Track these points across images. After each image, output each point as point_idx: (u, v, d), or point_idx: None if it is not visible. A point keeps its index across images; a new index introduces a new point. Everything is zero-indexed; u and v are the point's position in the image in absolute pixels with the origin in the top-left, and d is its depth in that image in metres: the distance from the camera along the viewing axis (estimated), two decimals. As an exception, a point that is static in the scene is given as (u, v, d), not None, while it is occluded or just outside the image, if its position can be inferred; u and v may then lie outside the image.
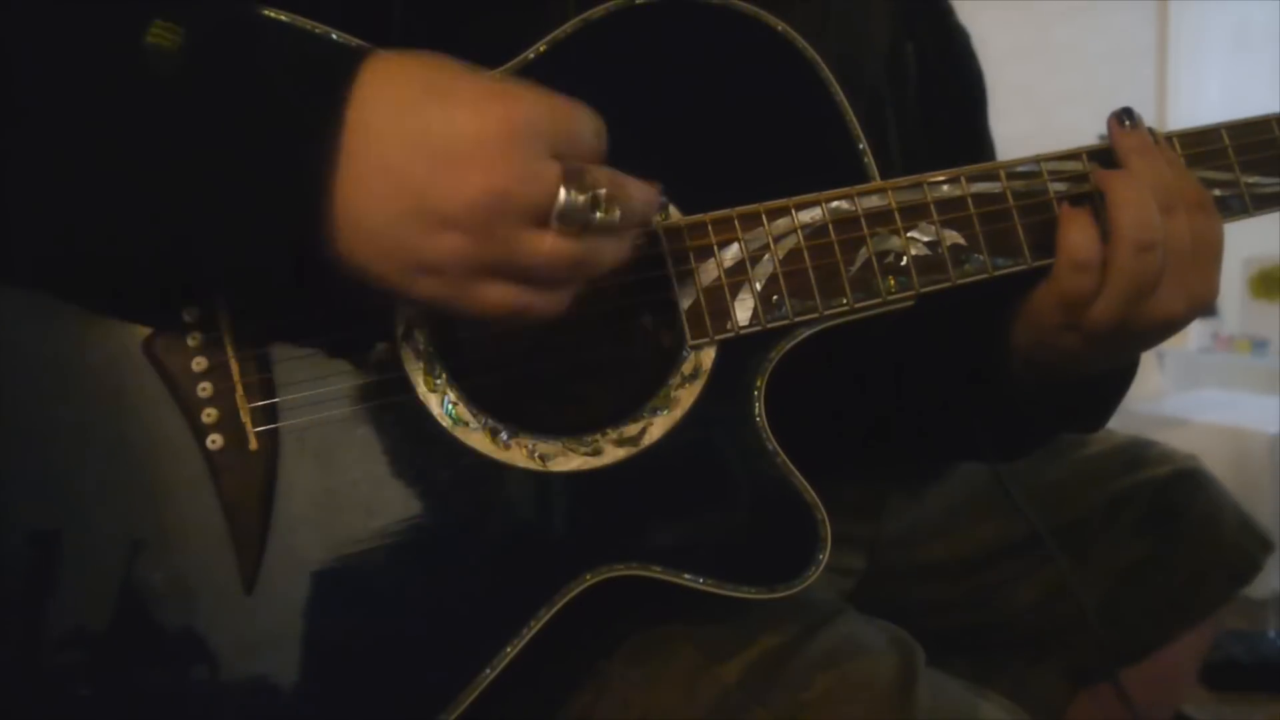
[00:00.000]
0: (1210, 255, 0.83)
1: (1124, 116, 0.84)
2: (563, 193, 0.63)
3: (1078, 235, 0.81)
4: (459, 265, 0.63)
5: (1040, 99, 3.21)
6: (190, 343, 0.72)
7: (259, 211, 0.62)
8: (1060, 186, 0.83)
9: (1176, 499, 1.12)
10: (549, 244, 0.63)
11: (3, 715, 0.69)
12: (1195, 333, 3.54)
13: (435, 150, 0.61)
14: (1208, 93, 3.72)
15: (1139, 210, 0.80)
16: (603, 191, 0.64)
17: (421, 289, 0.64)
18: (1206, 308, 0.85)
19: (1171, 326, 0.83)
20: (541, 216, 0.63)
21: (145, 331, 0.71)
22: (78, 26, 0.63)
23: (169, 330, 0.72)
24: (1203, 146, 0.86)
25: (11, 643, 0.70)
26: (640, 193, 0.68)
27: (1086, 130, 0.90)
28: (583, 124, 0.66)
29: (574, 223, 0.63)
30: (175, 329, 0.72)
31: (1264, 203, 0.88)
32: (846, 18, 0.97)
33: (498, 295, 0.65)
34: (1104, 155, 0.85)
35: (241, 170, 0.62)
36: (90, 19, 0.63)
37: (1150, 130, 0.85)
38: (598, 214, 0.64)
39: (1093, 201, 0.83)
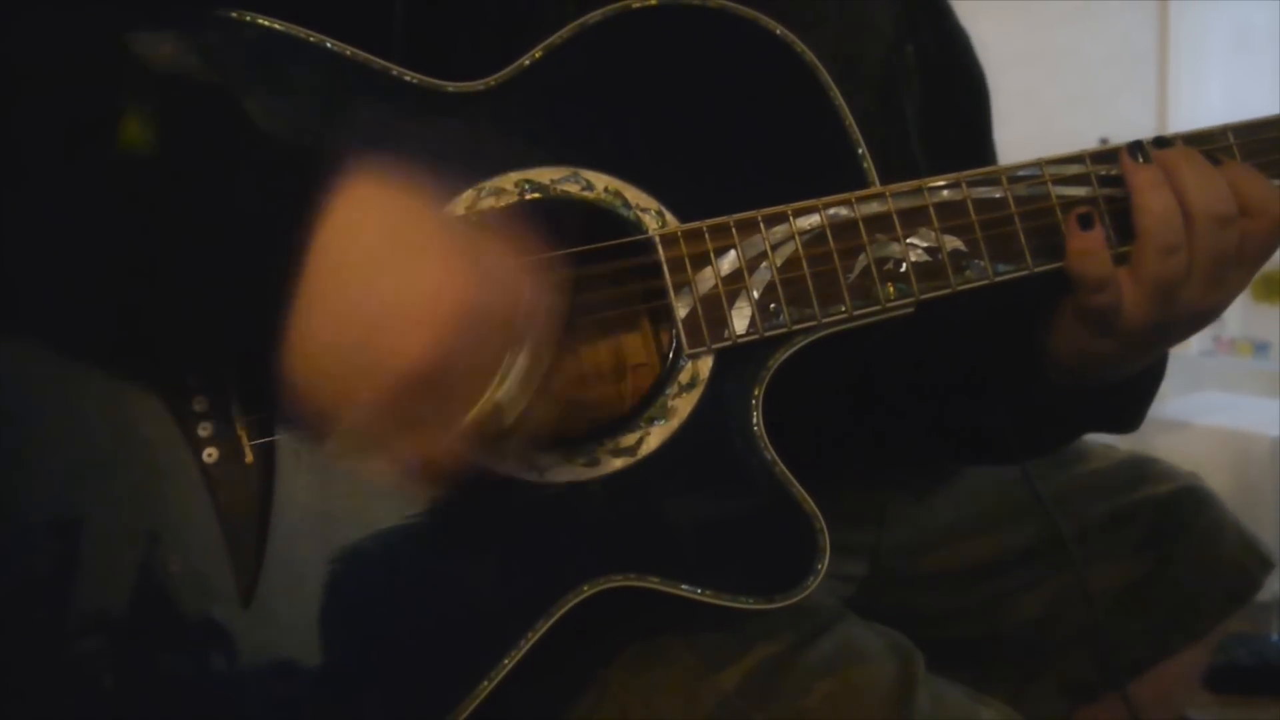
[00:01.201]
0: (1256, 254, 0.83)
1: (1136, 151, 0.82)
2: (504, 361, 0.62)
3: (1159, 205, 0.80)
4: (375, 417, 0.61)
5: (1041, 103, 3.20)
6: None
7: (211, 320, 0.62)
8: (1063, 190, 0.83)
9: (1178, 517, 1.11)
10: (465, 427, 0.62)
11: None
12: (1196, 336, 3.53)
13: (386, 305, 0.60)
14: (1209, 95, 3.71)
15: (1165, 216, 0.79)
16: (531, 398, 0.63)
17: (344, 421, 0.62)
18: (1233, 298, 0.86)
19: (1208, 317, 0.84)
20: (470, 395, 0.62)
21: None
22: (72, 109, 0.61)
23: None
24: (1209, 146, 0.85)
25: (11, 652, 0.69)
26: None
27: (1088, 133, 0.89)
28: (541, 300, 0.64)
29: (494, 417, 0.62)
30: None
31: None
32: (844, 20, 0.96)
33: (401, 451, 0.64)
34: (1107, 158, 0.84)
35: (198, 279, 0.61)
36: (85, 103, 0.62)
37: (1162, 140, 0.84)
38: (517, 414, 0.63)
39: (1097, 206, 0.82)
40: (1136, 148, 0.82)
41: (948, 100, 1.03)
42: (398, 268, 0.61)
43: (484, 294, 0.61)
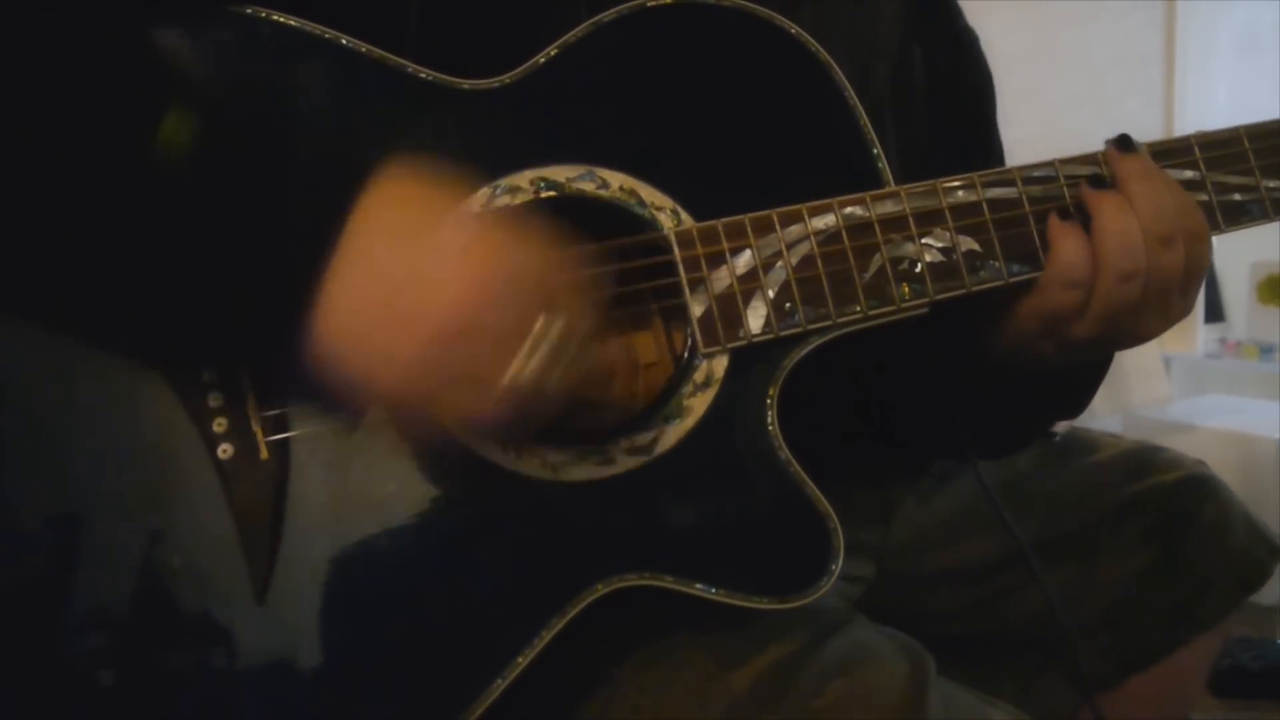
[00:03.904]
0: (1197, 282, 0.83)
1: (1123, 145, 0.83)
2: (538, 325, 0.63)
3: (1072, 254, 0.80)
4: (415, 372, 0.63)
5: (1047, 103, 3.19)
6: None
7: (230, 314, 0.63)
8: (1077, 191, 0.83)
9: (1185, 505, 1.11)
10: (501, 388, 0.63)
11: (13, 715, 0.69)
12: (1202, 338, 3.54)
13: (416, 269, 0.62)
14: (1215, 96, 3.71)
15: (1125, 239, 0.79)
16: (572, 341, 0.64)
17: (381, 385, 0.64)
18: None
19: (1147, 340, 0.85)
20: (508, 344, 0.63)
21: None
22: (92, 105, 0.62)
23: None
24: (1223, 150, 0.85)
25: (25, 647, 0.70)
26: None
27: (1094, 134, 0.89)
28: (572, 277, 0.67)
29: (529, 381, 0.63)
30: None
31: None
32: (855, 22, 0.96)
33: (450, 404, 0.64)
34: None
35: (217, 274, 0.62)
36: (106, 97, 0.62)
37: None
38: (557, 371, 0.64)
39: (1082, 214, 0.82)
40: (1098, 181, 0.83)
41: (953, 102, 1.03)
42: (426, 242, 0.63)
43: (511, 260, 0.63)
